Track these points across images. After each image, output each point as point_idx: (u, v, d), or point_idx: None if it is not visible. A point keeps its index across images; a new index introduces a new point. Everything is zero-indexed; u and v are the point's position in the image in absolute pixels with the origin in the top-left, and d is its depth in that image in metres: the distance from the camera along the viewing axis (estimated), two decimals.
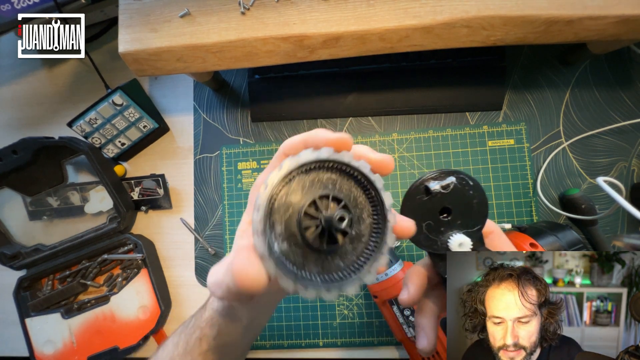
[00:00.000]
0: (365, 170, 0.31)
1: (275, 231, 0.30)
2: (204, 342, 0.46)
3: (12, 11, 0.73)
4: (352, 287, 0.30)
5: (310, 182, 0.32)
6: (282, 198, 0.31)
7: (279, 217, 0.30)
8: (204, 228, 0.86)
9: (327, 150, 0.31)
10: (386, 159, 0.34)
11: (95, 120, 0.79)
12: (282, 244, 0.30)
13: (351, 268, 0.31)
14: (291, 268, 0.30)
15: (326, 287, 0.30)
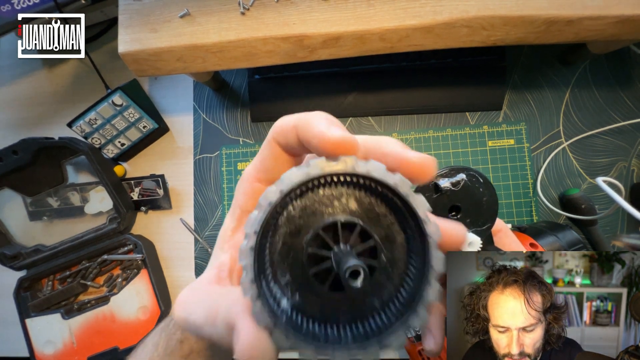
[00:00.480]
0: (378, 174, 0.24)
1: (279, 281, 0.24)
2: (186, 345, 0.41)
3: (12, 11, 0.73)
4: (397, 338, 0.23)
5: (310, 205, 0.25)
6: (281, 238, 0.25)
7: (281, 262, 0.24)
8: (204, 228, 0.86)
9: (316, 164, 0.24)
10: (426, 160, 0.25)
11: (95, 120, 0.79)
12: (293, 297, 0.24)
13: (391, 309, 0.24)
14: (310, 329, 0.23)
15: (361, 345, 0.23)
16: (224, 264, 0.32)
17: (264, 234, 0.23)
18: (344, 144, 0.24)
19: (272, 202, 0.23)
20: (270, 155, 0.30)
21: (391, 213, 0.25)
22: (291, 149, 0.29)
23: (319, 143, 0.25)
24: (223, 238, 0.33)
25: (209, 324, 0.27)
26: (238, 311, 0.24)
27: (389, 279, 0.25)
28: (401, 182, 0.24)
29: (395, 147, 0.26)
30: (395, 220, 0.25)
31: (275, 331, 0.22)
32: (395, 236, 0.25)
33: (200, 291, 0.31)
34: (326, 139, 0.24)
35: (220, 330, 0.26)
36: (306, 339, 0.23)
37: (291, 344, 0.22)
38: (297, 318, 0.24)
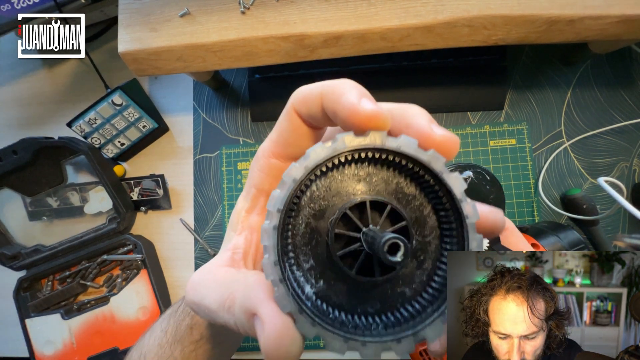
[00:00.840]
0: (410, 150, 0.22)
1: (302, 267, 0.23)
2: (196, 331, 0.42)
3: (12, 11, 0.73)
4: (435, 329, 0.22)
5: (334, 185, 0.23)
6: (302, 217, 0.23)
7: (304, 247, 0.23)
8: (204, 228, 0.86)
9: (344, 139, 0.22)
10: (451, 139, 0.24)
11: (95, 120, 0.79)
12: (317, 283, 0.23)
13: (424, 296, 0.23)
14: (337, 317, 0.22)
15: (394, 336, 0.21)
16: (238, 247, 0.31)
17: (286, 214, 0.21)
18: (377, 118, 0.22)
19: (297, 179, 0.22)
20: (289, 127, 0.27)
21: (422, 194, 0.24)
22: (313, 120, 0.26)
23: (349, 116, 0.22)
24: (236, 220, 0.32)
25: (224, 309, 0.25)
26: (259, 297, 0.23)
27: (421, 265, 0.23)
28: (434, 159, 0.22)
29: (420, 120, 0.24)
30: (426, 202, 0.24)
31: (300, 318, 0.21)
32: (426, 219, 0.24)
33: (213, 274, 0.29)
34: (358, 112, 0.22)
35: (238, 317, 0.24)
36: (334, 326, 0.21)
37: (317, 332, 0.21)
38: (322, 305, 0.22)
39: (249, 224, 0.31)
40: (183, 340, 0.43)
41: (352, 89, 0.23)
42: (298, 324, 0.21)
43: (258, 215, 0.31)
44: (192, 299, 0.29)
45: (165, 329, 0.45)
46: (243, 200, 0.32)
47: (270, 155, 0.29)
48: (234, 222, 0.32)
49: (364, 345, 0.20)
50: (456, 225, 0.23)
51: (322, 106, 0.25)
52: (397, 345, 0.21)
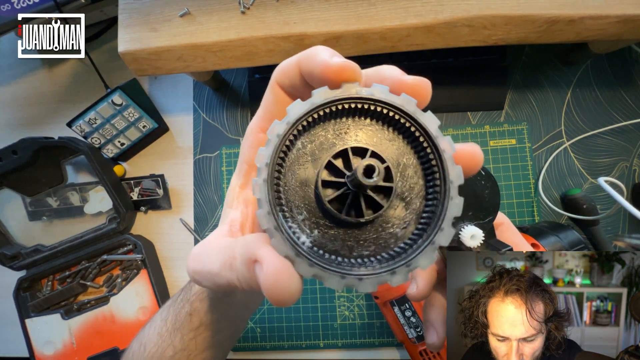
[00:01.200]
0: (382, 96, 0.24)
1: (296, 219, 0.24)
2: (195, 318, 0.42)
3: (12, 11, 0.73)
4: (426, 258, 0.22)
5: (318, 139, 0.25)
6: (291, 173, 0.24)
7: (295, 200, 0.24)
8: (204, 228, 0.86)
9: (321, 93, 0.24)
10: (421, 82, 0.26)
11: (95, 120, 0.79)
12: (311, 233, 0.24)
13: (415, 234, 0.24)
14: (333, 259, 0.23)
15: (389, 269, 0.22)
16: (235, 220, 0.32)
17: (274, 168, 0.23)
18: (347, 69, 0.24)
19: (280, 134, 0.23)
20: (273, 100, 0.30)
21: (400, 138, 0.25)
22: (295, 90, 0.28)
23: (322, 71, 0.24)
24: (231, 196, 0.33)
25: (225, 268, 0.27)
26: (257, 245, 0.24)
27: (409, 206, 0.25)
28: (406, 101, 0.24)
29: (393, 71, 0.26)
30: (405, 145, 0.25)
31: (298, 260, 0.22)
32: (408, 162, 0.25)
33: (214, 244, 0.30)
34: (330, 66, 0.24)
35: (240, 270, 0.25)
36: (330, 265, 0.22)
37: (315, 271, 0.22)
38: (321, 253, 0.23)
39: (244, 198, 0.33)
40: (182, 328, 0.43)
41: (324, 50, 0.25)
42: (296, 266, 0.22)
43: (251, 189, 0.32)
44: (195, 267, 0.30)
45: (165, 318, 0.45)
46: (236, 177, 0.33)
47: (258, 130, 0.31)
48: (229, 200, 0.33)
49: (360, 280, 0.22)
50: (436, 161, 0.24)
51: (300, 73, 0.27)
52: (391, 277, 0.22)
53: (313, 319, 0.80)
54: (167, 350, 0.44)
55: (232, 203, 0.32)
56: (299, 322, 0.80)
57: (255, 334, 0.80)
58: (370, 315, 0.79)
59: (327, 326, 0.80)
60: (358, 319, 0.79)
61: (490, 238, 0.35)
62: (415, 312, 0.68)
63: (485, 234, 0.33)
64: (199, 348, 0.44)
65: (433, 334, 0.34)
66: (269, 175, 0.22)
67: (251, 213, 0.32)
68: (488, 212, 0.35)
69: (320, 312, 0.80)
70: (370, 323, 0.79)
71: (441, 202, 0.23)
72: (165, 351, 0.44)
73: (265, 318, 0.81)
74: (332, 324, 0.80)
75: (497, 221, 0.37)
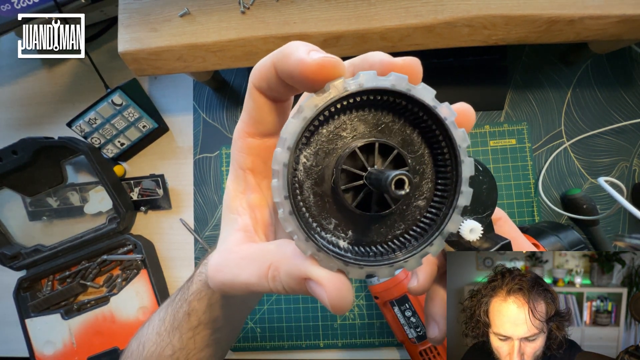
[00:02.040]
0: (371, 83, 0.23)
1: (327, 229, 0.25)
2: (193, 317, 0.42)
3: (12, 11, 0.73)
4: (455, 222, 0.24)
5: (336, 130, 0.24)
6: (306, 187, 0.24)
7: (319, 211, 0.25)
8: (204, 228, 0.86)
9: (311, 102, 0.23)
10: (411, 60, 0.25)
11: (95, 120, 0.79)
12: (346, 236, 0.25)
13: (424, 221, 0.25)
14: (376, 252, 0.25)
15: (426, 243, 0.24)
16: (247, 225, 0.32)
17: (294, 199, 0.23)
18: (327, 66, 0.22)
19: (286, 162, 0.22)
20: (254, 106, 0.29)
21: (398, 117, 0.25)
22: (274, 93, 0.27)
23: (301, 71, 0.23)
24: (232, 202, 0.33)
25: (265, 279, 0.27)
26: (306, 265, 0.25)
27: (421, 176, 0.26)
28: (397, 80, 0.23)
29: (380, 56, 0.25)
30: (408, 120, 0.25)
31: (348, 269, 0.23)
32: (412, 136, 0.25)
33: (237, 253, 0.30)
34: (307, 64, 0.22)
35: (287, 283, 0.26)
36: (376, 260, 0.24)
37: (367, 272, 0.24)
38: (359, 250, 0.25)
39: (248, 203, 0.32)
40: (181, 327, 0.43)
41: (300, 46, 0.24)
42: (349, 274, 0.24)
43: (253, 193, 0.32)
44: (222, 280, 0.30)
45: (163, 317, 0.45)
46: (233, 182, 0.33)
47: (245, 135, 0.30)
48: (231, 206, 0.33)
49: (406, 262, 0.24)
50: (439, 131, 0.24)
51: (277, 74, 0.25)
52: (431, 248, 0.24)
53: (313, 319, 0.80)
54: (166, 349, 0.44)
55: (237, 209, 0.32)
56: (299, 322, 0.80)
57: (255, 334, 0.80)
58: (370, 315, 0.79)
59: (327, 326, 0.80)
60: (358, 319, 0.79)
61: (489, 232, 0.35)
62: (415, 312, 0.68)
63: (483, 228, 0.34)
64: (198, 347, 0.44)
65: (435, 327, 0.34)
66: (293, 207, 0.22)
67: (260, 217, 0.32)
68: (486, 207, 0.35)
69: (320, 312, 0.80)
70: (370, 323, 0.79)
71: (454, 167, 0.24)
72: (164, 350, 0.44)
73: (265, 318, 0.81)
74: (332, 324, 0.80)
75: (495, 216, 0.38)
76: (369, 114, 0.25)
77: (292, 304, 0.80)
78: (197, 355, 0.44)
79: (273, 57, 0.25)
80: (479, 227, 0.33)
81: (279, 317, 0.80)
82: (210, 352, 0.45)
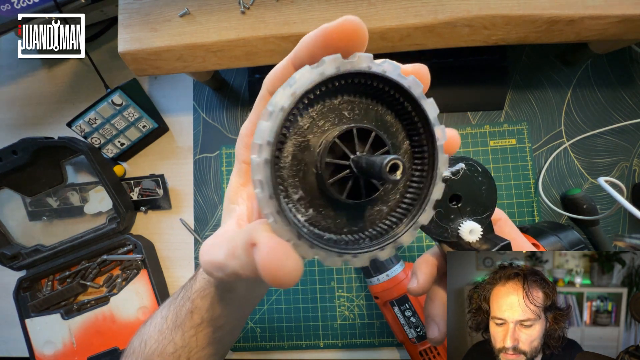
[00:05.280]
0: (394, 75, 0.23)
1: (292, 199, 0.23)
2: (196, 315, 0.42)
3: (12, 11, 0.73)
4: (410, 236, 0.24)
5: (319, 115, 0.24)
6: (289, 152, 0.23)
7: (291, 179, 0.23)
8: (204, 229, 0.86)
9: (332, 62, 0.22)
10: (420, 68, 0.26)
11: (95, 120, 0.79)
12: (306, 212, 0.24)
13: (399, 211, 0.26)
14: (329, 238, 0.24)
15: (379, 246, 0.24)
16: (242, 214, 0.32)
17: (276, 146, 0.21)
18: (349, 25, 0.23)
19: (285, 107, 0.21)
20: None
21: (397, 120, 0.26)
22: None
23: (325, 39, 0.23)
24: (233, 193, 0.33)
25: (230, 256, 0.26)
26: (256, 229, 0.23)
27: (395, 185, 0.26)
28: (415, 84, 0.24)
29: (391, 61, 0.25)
30: (401, 128, 0.26)
31: (299, 243, 0.22)
32: (401, 143, 0.26)
33: (222, 236, 0.30)
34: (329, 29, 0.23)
35: (241, 257, 0.24)
36: (329, 245, 0.23)
37: (316, 253, 0.22)
38: (317, 232, 0.24)
39: (248, 194, 0.33)
40: (183, 325, 0.43)
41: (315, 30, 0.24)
42: (298, 249, 0.22)
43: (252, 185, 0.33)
44: (206, 259, 0.30)
45: (166, 315, 0.45)
46: (236, 176, 0.34)
47: (252, 134, 0.31)
48: (232, 197, 0.34)
49: (355, 257, 0.23)
50: (428, 147, 0.25)
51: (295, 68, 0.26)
52: (380, 252, 0.24)
53: (313, 319, 0.80)
54: (168, 347, 0.44)
55: (236, 199, 0.33)
56: (299, 322, 0.80)
57: (255, 334, 0.80)
58: (370, 316, 0.79)
59: (327, 326, 0.80)
60: (358, 319, 0.79)
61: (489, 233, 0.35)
62: (415, 312, 0.67)
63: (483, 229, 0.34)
64: (200, 345, 0.44)
65: (434, 328, 0.34)
66: (271, 154, 0.21)
67: (256, 207, 0.33)
68: (486, 208, 0.35)
69: (320, 312, 0.80)
70: (370, 323, 0.79)
71: (427, 186, 0.25)
72: (166, 348, 0.44)
73: (265, 318, 0.81)
74: (332, 324, 0.80)
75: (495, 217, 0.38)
76: (374, 105, 0.25)
77: (292, 304, 0.80)
78: (199, 353, 0.44)
79: (290, 56, 0.26)
80: (479, 228, 0.33)
81: (279, 317, 0.80)
82: (212, 350, 0.45)
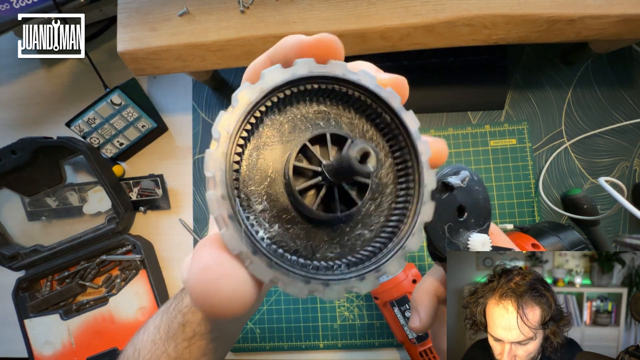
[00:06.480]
0: (370, 84, 0.21)
1: (254, 210, 0.20)
2: (188, 329, 0.42)
3: (12, 11, 0.73)
4: (396, 264, 0.20)
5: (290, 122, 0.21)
6: (252, 156, 0.20)
7: (254, 187, 0.20)
8: (203, 229, 0.85)
9: (305, 64, 0.20)
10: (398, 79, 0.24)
11: (94, 120, 0.79)
12: (270, 228, 0.20)
13: (383, 237, 0.22)
14: (296, 260, 0.19)
15: (358, 274, 0.20)
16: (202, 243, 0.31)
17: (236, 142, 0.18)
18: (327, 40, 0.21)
19: (252, 101, 0.19)
20: None
21: (377, 133, 0.23)
22: None
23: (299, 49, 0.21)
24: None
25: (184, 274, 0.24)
26: (203, 242, 0.20)
27: (378, 206, 0.22)
28: (392, 96, 0.22)
29: (369, 67, 0.24)
30: (383, 144, 0.23)
31: (255, 259, 0.18)
32: (385, 160, 0.23)
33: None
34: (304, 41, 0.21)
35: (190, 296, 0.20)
36: (294, 267, 0.18)
37: (275, 275, 0.18)
38: (281, 252, 0.19)
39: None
40: (176, 337, 0.43)
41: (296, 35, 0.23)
42: (253, 265, 0.18)
43: None
44: (182, 277, 0.28)
45: (159, 326, 0.45)
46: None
47: None
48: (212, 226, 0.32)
49: (327, 286, 0.19)
50: (412, 163, 0.22)
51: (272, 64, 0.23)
52: (360, 283, 0.19)
53: (313, 320, 0.79)
54: (161, 358, 0.43)
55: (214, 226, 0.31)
56: (298, 322, 0.80)
57: (254, 335, 0.80)
58: (370, 316, 0.79)
59: (327, 327, 0.79)
60: (358, 320, 0.79)
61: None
62: None
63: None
64: (194, 356, 0.43)
65: (416, 317, 0.33)
66: (229, 148, 0.18)
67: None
68: (485, 217, 0.35)
69: (320, 313, 0.80)
70: (370, 324, 0.79)
71: (413, 206, 0.22)
72: (159, 358, 0.43)
73: (264, 319, 0.80)
74: (332, 325, 0.79)
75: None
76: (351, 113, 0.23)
77: (292, 304, 0.80)
78: None
79: (268, 52, 0.25)
80: (488, 239, 0.32)
81: (279, 317, 0.80)
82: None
